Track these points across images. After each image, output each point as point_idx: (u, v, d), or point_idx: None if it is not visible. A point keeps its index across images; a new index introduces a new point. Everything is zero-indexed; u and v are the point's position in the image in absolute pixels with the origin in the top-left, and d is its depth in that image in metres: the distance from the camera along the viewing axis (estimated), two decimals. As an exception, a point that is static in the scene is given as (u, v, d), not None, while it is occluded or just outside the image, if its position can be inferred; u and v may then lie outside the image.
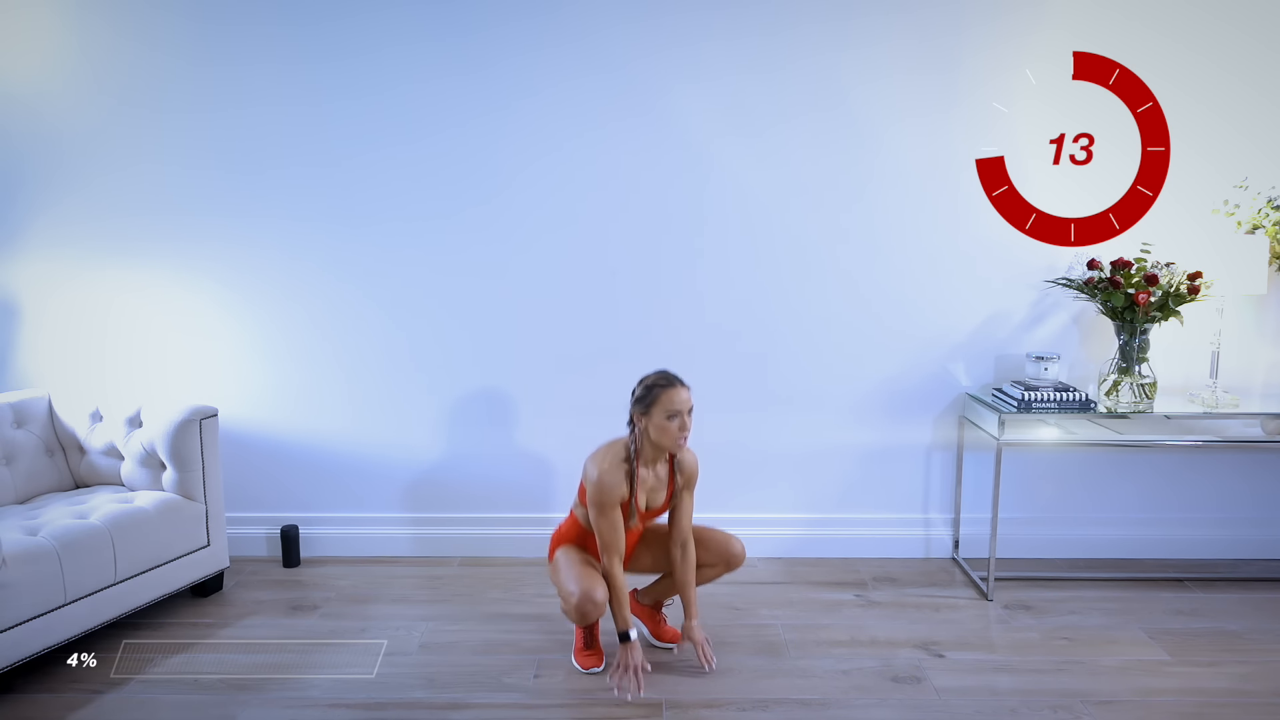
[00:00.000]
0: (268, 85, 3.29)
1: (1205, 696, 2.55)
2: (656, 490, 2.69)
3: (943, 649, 2.82)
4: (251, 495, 3.53)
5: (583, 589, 2.57)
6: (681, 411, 2.54)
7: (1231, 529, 3.53)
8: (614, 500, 2.57)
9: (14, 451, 3.09)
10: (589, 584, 2.58)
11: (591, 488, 2.58)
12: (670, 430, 2.54)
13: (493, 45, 3.27)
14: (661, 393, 2.54)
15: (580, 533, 2.76)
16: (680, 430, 2.55)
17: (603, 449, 2.65)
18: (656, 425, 2.55)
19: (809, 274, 3.40)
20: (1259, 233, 3.21)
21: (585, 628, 2.75)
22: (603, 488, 2.56)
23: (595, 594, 2.56)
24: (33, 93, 3.30)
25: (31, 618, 2.52)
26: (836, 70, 3.27)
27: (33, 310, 3.44)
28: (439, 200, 3.36)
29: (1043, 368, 3.19)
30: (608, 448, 2.64)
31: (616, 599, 2.60)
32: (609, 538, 2.59)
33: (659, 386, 2.56)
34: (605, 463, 2.59)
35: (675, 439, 2.56)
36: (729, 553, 2.79)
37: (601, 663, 2.72)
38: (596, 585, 2.58)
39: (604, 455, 2.61)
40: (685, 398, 2.56)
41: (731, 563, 2.80)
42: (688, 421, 2.56)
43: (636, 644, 2.59)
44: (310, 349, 3.45)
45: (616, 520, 2.59)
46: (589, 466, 2.61)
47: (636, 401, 2.60)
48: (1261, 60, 3.25)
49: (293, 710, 2.48)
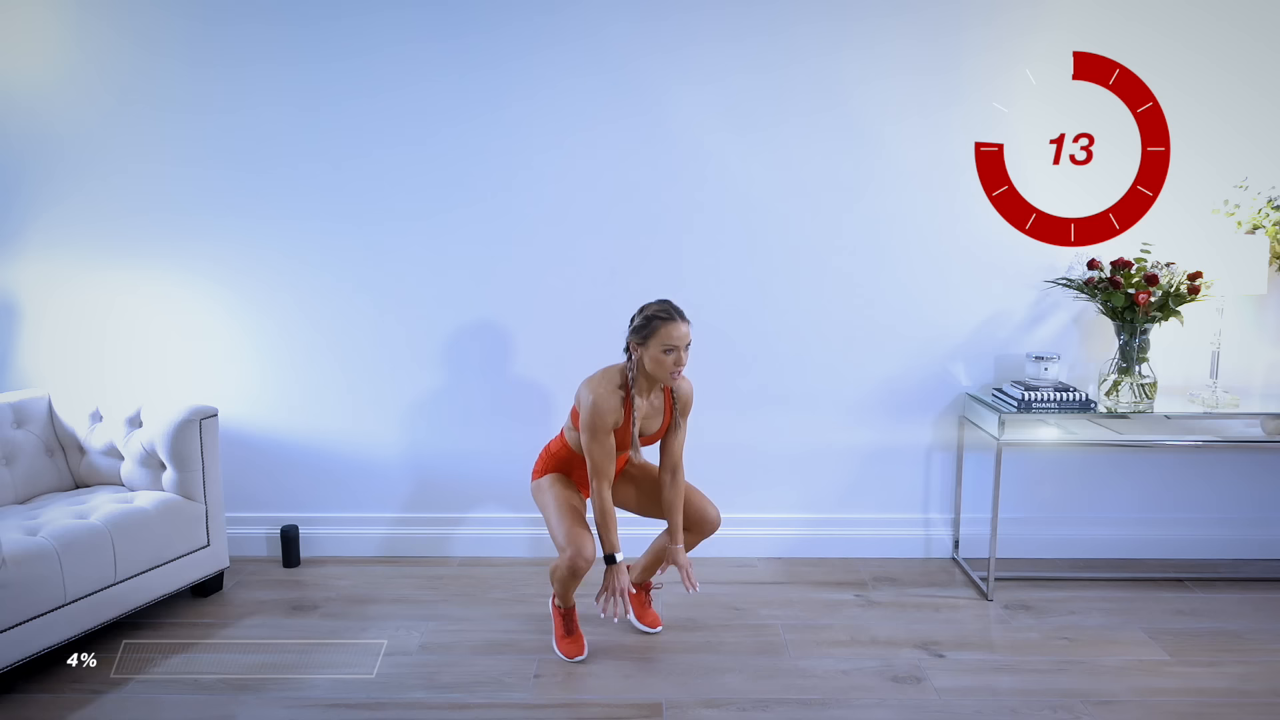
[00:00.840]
0: (267, 85, 3.29)
1: (1205, 696, 2.55)
2: (651, 418, 2.69)
3: (943, 649, 2.82)
4: (251, 495, 3.53)
5: (574, 546, 2.58)
6: (679, 346, 2.53)
7: (1231, 529, 3.53)
8: (607, 425, 2.57)
9: (14, 451, 3.09)
10: (578, 541, 2.59)
11: (585, 412, 2.57)
12: (665, 363, 2.53)
13: (492, 45, 3.27)
14: (661, 325, 2.52)
15: (569, 455, 2.77)
16: (675, 364, 2.53)
17: (598, 374, 2.64)
18: (652, 357, 2.54)
19: (809, 274, 3.40)
20: (1259, 233, 3.21)
21: (564, 612, 2.77)
22: (597, 412, 2.55)
23: (585, 551, 2.58)
24: (33, 93, 3.30)
25: (31, 618, 2.52)
26: (836, 70, 3.27)
27: (33, 310, 3.44)
28: (439, 200, 3.36)
29: (1043, 368, 3.19)
30: (603, 373, 2.63)
31: (605, 522, 2.59)
32: (599, 462, 2.58)
33: (658, 318, 2.53)
34: (601, 388, 2.58)
35: (669, 372, 2.54)
36: (704, 518, 2.80)
37: (583, 651, 2.75)
38: (585, 542, 2.59)
39: (599, 381, 2.60)
40: (684, 332, 2.54)
41: (705, 528, 2.81)
42: (684, 356, 2.55)
43: (622, 567, 2.60)
44: (310, 349, 3.46)
45: (609, 445, 2.59)
46: (583, 391, 2.60)
47: (634, 330, 2.58)
48: (1261, 60, 3.25)
49: (293, 710, 2.48)
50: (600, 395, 2.57)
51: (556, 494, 2.72)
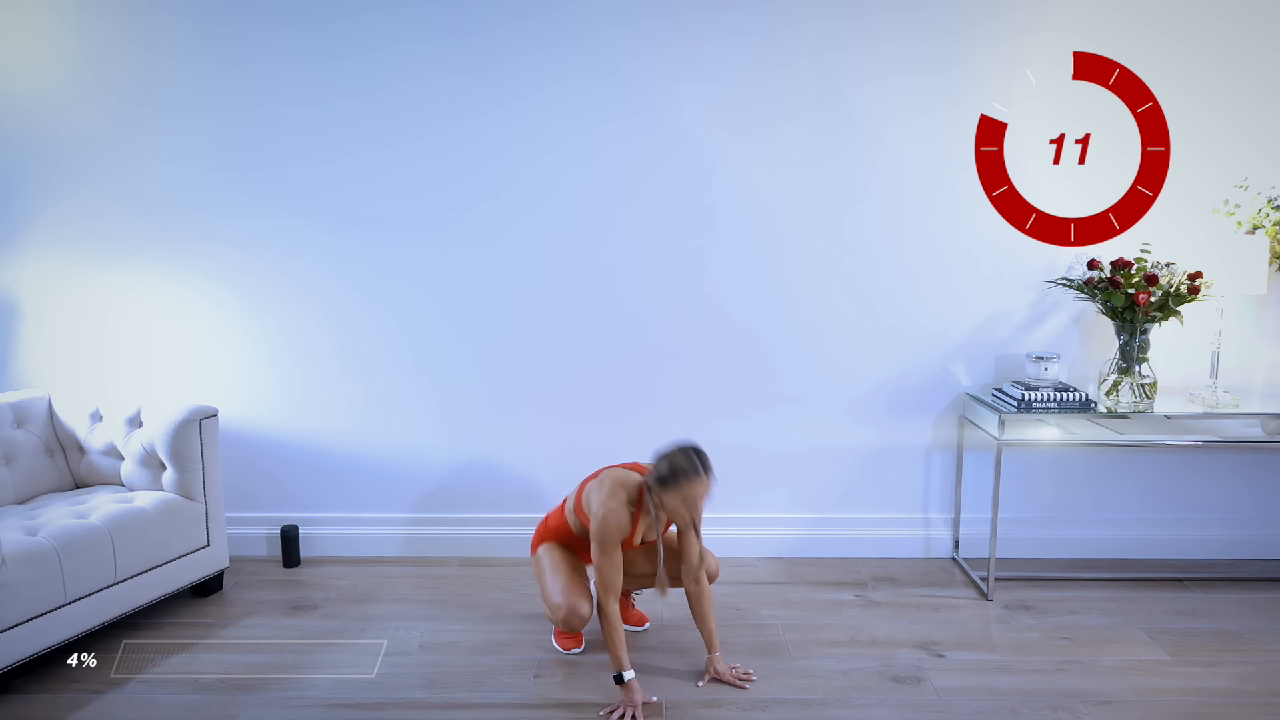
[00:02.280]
0: (267, 85, 3.29)
1: (1205, 696, 2.55)
2: (653, 526, 2.64)
3: (943, 649, 2.82)
4: (251, 495, 3.53)
5: (569, 604, 2.60)
6: (699, 499, 2.49)
7: (1231, 529, 3.53)
8: (616, 541, 2.53)
9: (14, 451, 3.09)
10: (574, 599, 2.60)
11: (595, 524, 2.53)
12: (682, 513, 2.50)
13: (493, 45, 3.27)
14: (686, 481, 2.45)
15: (567, 531, 2.77)
16: (692, 513, 2.50)
17: (609, 485, 2.57)
18: (671, 506, 2.49)
19: (809, 274, 3.40)
20: (1259, 233, 3.21)
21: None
22: (607, 526, 2.51)
23: (580, 609, 2.60)
24: (33, 93, 3.30)
25: (31, 618, 2.52)
26: (837, 70, 3.27)
27: (33, 310, 3.44)
28: (439, 199, 3.36)
29: (1043, 368, 3.19)
30: (615, 487, 2.57)
31: (613, 639, 2.50)
32: (608, 576, 2.54)
33: (685, 475, 2.45)
34: (614, 500, 2.53)
35: (684, 519, 2.53)
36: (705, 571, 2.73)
37: (581, 644, 2.77)
38: (581, 601, 2.61)
39: (615, 492, 2.55)
40: (708, 489, 2.48)
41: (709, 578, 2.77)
42: (701, 506, 2.51)
43: (634, 684, 2.49)
44: (310, 349, 3.45)
45: (617, 560, 2.54)
46: (595, 499, 2.56)
47: (659, 479, 2.48)
48: (1261, 60, 3.25)
49: (293, 710, 2.48)
50: (611, 509, 2.51)
51: (554, 556, 2.72)
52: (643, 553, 2.81)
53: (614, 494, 2.55)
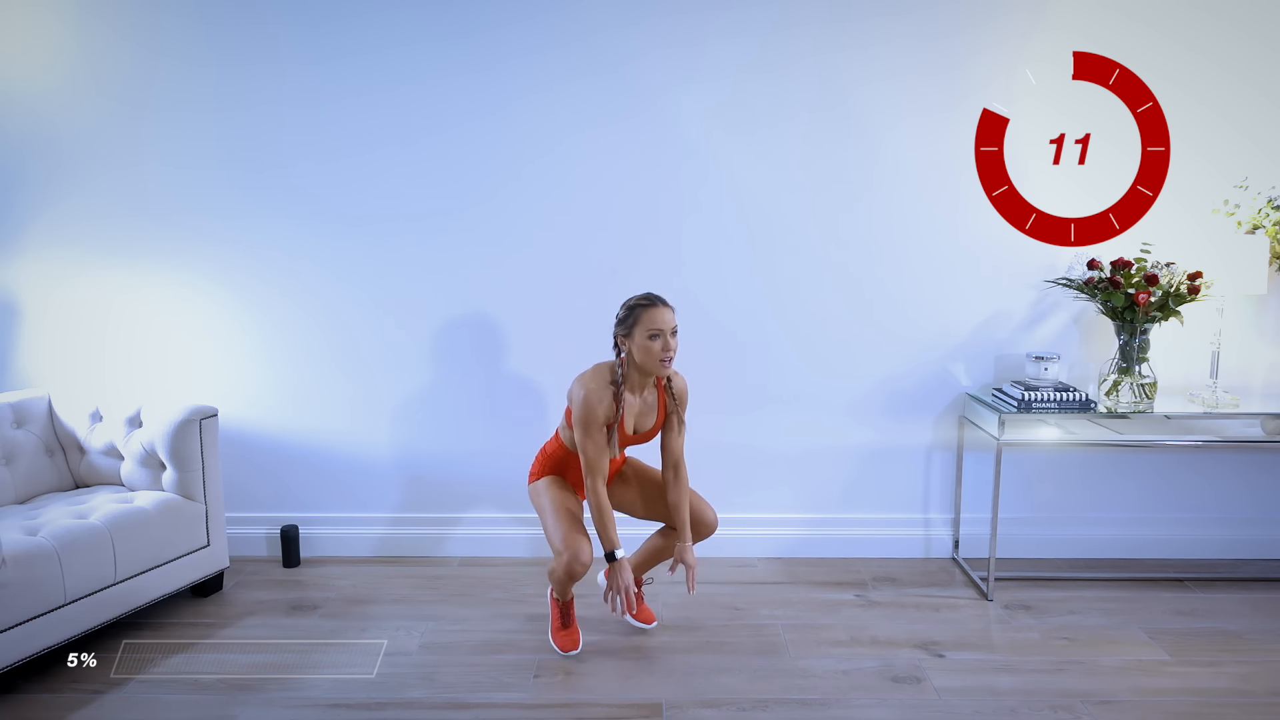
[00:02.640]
0: (267, 85, 3.29)
1: (1205, 696, 2.55)
2: (645, 415, 2.68)
3: (943, 649, 2.82)
4: (251, 495, 3.53)
5: (571, 551, 2.58)
6: (664, 331, 2.53)
7: (1231, 529, 3.53)
8: (599, 420, 2.57)
9: (14, 451, 3.09)
10: (575, 545, 2.59)
11: (577, 407, 2.57)
12: (653, 350, 2.53)
13: (492, 45, 3.27)
14: (643, 312, 2.53)
15: (564, 455, 2.77)
16: (663, 350, 2.53)
17: (590, 370, 2.64)
18: (639, 346, 2.54)
19: (809, 273, 3.40)
20: (1259, 233, 3.21)
21: (562, 605, 2.78)
22: (589, 406, 2.55)
23: (581, 555, 2.58)
24: (32, 93, 3.30)
25: (31, 618, 2.52)
26: (837, 70, 3.27)
27: (33, 310, 3.44)
28: (439, 199, 3.36)
29: (1043, 368, 3.19)
30: (594, 369, 2.64)
31: (603, 519, 2.59)
32: (593, 458, 2.58)
33: (640, 306, 2.55)
34: (591, 383, 2.58)
35: (658, 359, 2.54)
36: (701, 521, 2.80)
37: (579, 644, 2.77)
38: (582, 547, 2.59)
39: (591, 376, 2.61)
40: (668, 317, 2.54)
41: (702, 530, 2.81)
42: (671, 342, 2.55)
43: (625, 563, 2.60)
44: (310, 349, 3.46)
45: (601, 441, 2.58)
46: (575, 387, 2.61)
47: (619, 323, 2.59)
48: (1261, 60, 3.25)
49: (293, 710, 2.48)
50: (591, 390, 2.57)
51: (553, 497, 2.72)
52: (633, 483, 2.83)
53: (593, 376, 2.61)
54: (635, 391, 2.65)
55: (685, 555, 2.72)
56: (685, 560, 2.72)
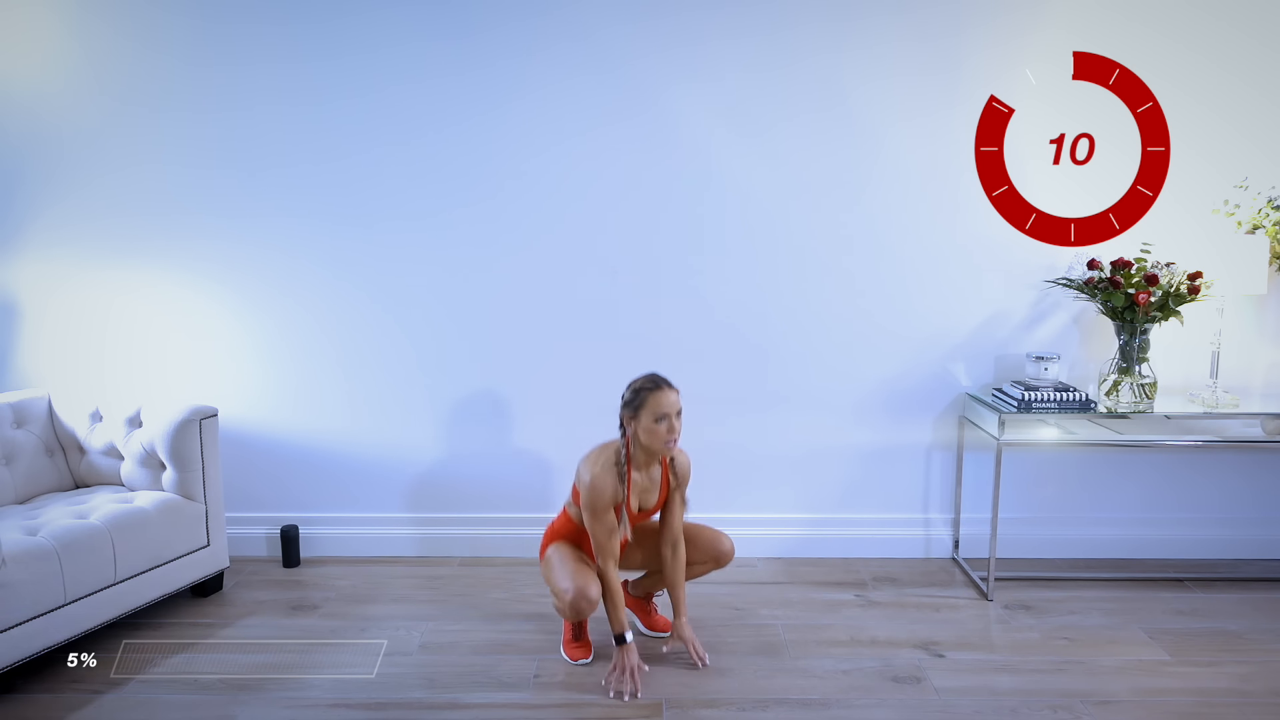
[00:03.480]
0: (267, 85, 3.29)
1: (1205, 696, 2.55)
2: (649, 491, 2.70)
3: (943, 649, 2.82)
4: (251, 495, 3.53)
5: (577, 586, 2.58)
6: (669, 414, 2.55)
7: (1231, 529, 3.53)
8: (607, 503, 2.58)
9: (14, 451, 3.09)
10: (583, 581, 2.59)
11: (585, 491, 2.58)
12: (659, 433, 2.55)
13: (492, 44, 3.27)
14: (649, 396, 2.55)
15: (573, 530, 2.77)
16: (669, 433, 2.55)
17: (595, 452, 2.65)
18: (645, 428, 2.56)
19: (809, 274, 3.40)
20: (1259, 233, 3.21)
21: (574, 625, 2.78)
22: (596, 491, 2.56)
23: (589, 591, 2.58)
24: (33, 93, 3.30)
25: (31, 618, 2.52)
26: (837, 70, 3.27)
27: (33, 310, 3.44)
28: (438, 199, 3.36)
29: (1043, 368, 3.19)
30: (600, 450, 2.65)
31: (611, 601, 2.61)
32: (603, 541, 2.60)
33: (646, 390, 2.56)
34: (598, 466, 2.59)
35: (664, 441, 2.56)
36: (718, 550, 2.81)
37: (590, 654, 2.75)
38: (590, 582, 2.59)
39: (596, 458, 2.62)
40: (673, 400, 2.57)
41: (720, 560, 2.82)
42: (676, 424, 2.57)
43: (632, 645, 2.61)
44: (310, 349, 3.45)
45: (610, 523, 2.60)
46: (582, 470, 2.62)
47: (625, 405, 2.61)
48: (1261, 60, 3.25)
49: (293, 710, 2.48)
50: (597, 474, 2.57)
51: (562, 552, 2.72)
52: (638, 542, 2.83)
53: (598, 458, 2.62)
54: (641, 469, 2.67)
55: (683, 632, 2.73)
56: (684, 636, 2.73)
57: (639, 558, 2.86)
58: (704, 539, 2.82)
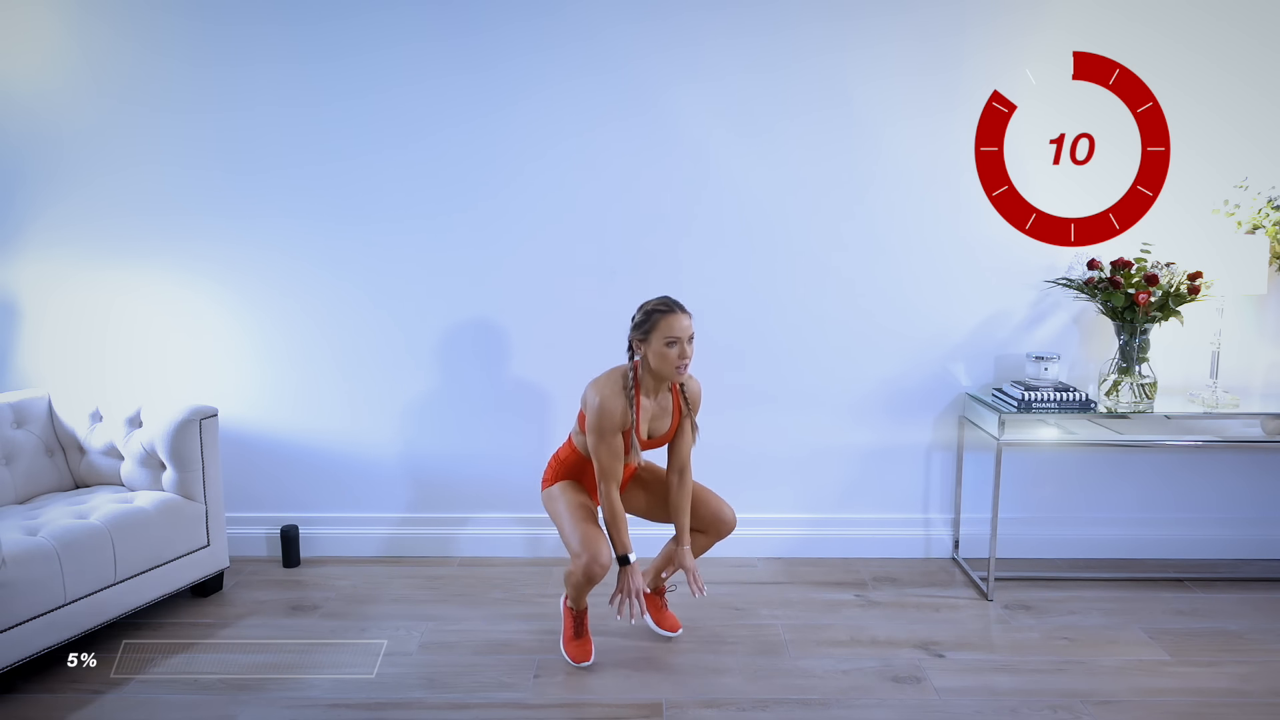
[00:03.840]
0: (267, 85, 3.29)
1: (1205, 696, 2.55)
2: (659, 418, 2.65)
3: (943, 649, 2.82)
4: (251, 495, 3.53)
5: (590, 552, 2.53)
6: (681, 338, 2.50)
7: (1231, 529, 3.53)
8: (614, 426, 2.53)
9: (14, 451, 3.09)
10: (594, 546, 2.54)
11: (591, 414, 2.54)
12: (669, 357, 2.50)
13: (493, 45, 3.27)
14: (660, 318, 2.49)
15: (578, 460, 2.73)
16: (680, 358, 2.50)
17: (604, 375, 2.60)
18: (656, 352, 2.51)
19: (809, 273, 3.40)
20: (1259, 233, 3.21)
21: (576, 614, 2.75)
22: (603, 413, 2.51)
23: (601, 556, 2.54)
24: (32, 93, 3.30)
25: (31, 618, 2.52)
26: (838, 70, 3.27)
27: (33, 310, 3.44)
28: (439, 200, 3.36)
29: (1043, 368, 3.19)
30: (609, 374, 2.60)
31: (615, 525, 2.58)
32: (607, 464, 2.56)
33: (658, 312, 2.51)
34: (606, 389, 2.54)
35: (675, 366, 2.51)
36: (719, 519, 2.77)
37: (591, 655, 2.72)
38: (602, 546, 2.55)
39: (605, 382, 2.57)
40: (685, 324, 2.51)
41: (721, 530, 2.78)
42: (688, 349, 2.52)
43: (636, 568, 2.59)
44: (309, 349, 3.46)
45: (616, 446, 2.55)
46: (589, 392, 2.57)
47: (635, 327, 2.55)
48: (1261, 60, 3.25)
49: (293, 710, 2.48)
50: (606, 396, 2.53)
51: (569, 500, 2.68)
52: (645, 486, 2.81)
53: (606, 382, 2.57)
54: (650, 395, 2.62)
55: (684, 560, 2.71)
56: (684, 564, 2.70)
57: (641, 501, 2.81)
58: (707, 506, 2.75)
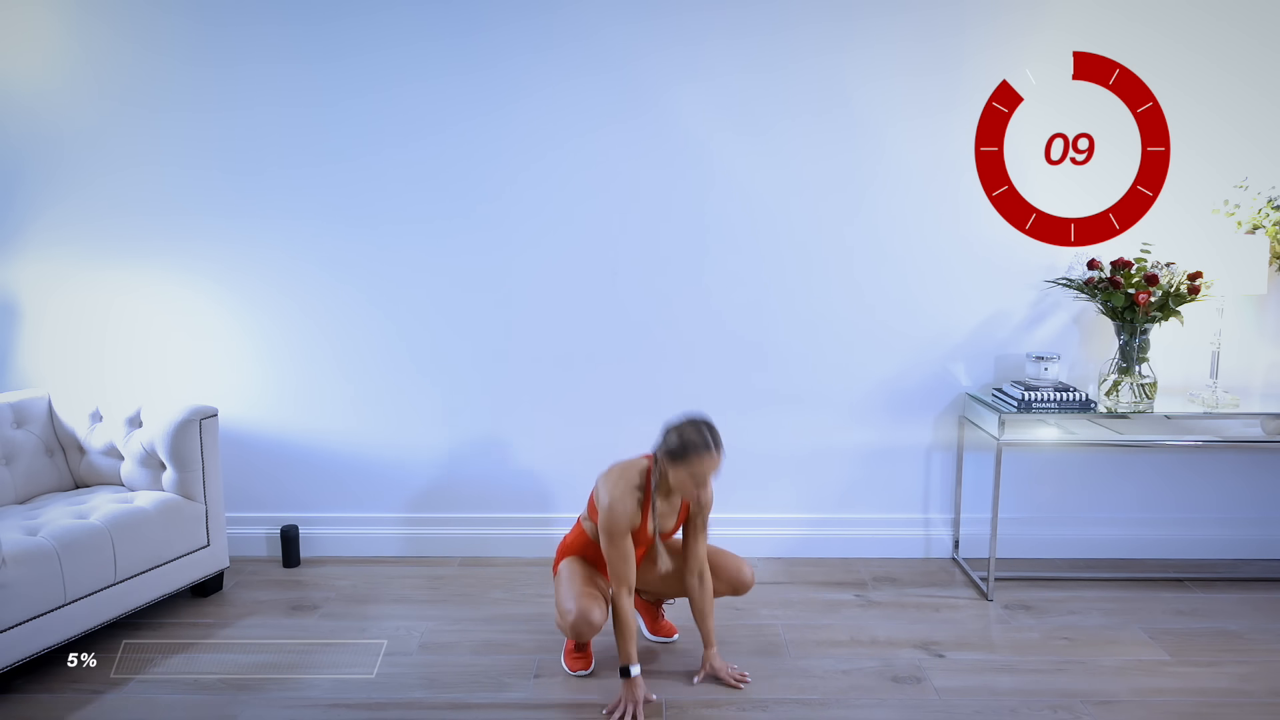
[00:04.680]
0: (267, 86, 3.29)
1: (1205, 696, 2.55)
2: (666, 517, 2.61)
3: (943, 649, 2.82)
4: (251, 495, 3.53)
5: (580, 609, 2.49)
6: (707, 475, 2.44)
7: (1231, 529, 3.53)
8: (625, 529, 2.46)
9: (14, 451, 3.09)
10: (587, 604, 2.50)
11: (603, 514, 2.48)
12: (690, 488, 2.45)
13: (493, 45, 3.27)
14: (696, 457, 2.40)
15: (585, 543, 2.69)
16: (699, 490, 2.45)
17: (616, 472, 2.53)
18: (678, 480, 2.45)
19: (810, 273, 3.40)
20: (1259, 233, 3.21)
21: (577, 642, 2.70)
22: (614, 516, 2.45)
23: (592, 616, 2.49)
24: (32, 93, 3.30)
25: (31, 618, 2.52)
26: (838, 70, 3.27)
27: (33, 310, 3.44)
28: (439, 201, 3.36)
29: (1043, 368, 3.19)
30: (622, 472, 2.53)
31: (622, 633, 2.49)
32: (618, 568, 2.48)
33: (695, 449, 2.40)
34: (618, 489, 2.47)
35: (692, 495, 2.46)
36: (738, 579, 2.73)
37: (590, 665, 2.69)
38: (594, 607, 2.51)
39: (618, 481, 2.50)
40: (718, 465, 2.43)
41: (739, 589, 2.75)
42: (709, 487, 2.47)
43: (639, 680, 2.47)
44: (310, 349, 3.46)
45: (627, 550, 2.48)
46: (601, 490, 2.51)
47: (667, 452, 2.45)
48: (1261, 60, 3.25)
49: (293, 710, 2.48)
50: (616, 498, 2.46)
51: (573, 567, 2.65)
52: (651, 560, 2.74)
53: (619, 481, 2.49)
54: (662, 497, 2.57)
55: (714, 662, 2.64)
56: (715, 667, 2.64)
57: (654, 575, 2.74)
58: (725, 568, 2.72)
